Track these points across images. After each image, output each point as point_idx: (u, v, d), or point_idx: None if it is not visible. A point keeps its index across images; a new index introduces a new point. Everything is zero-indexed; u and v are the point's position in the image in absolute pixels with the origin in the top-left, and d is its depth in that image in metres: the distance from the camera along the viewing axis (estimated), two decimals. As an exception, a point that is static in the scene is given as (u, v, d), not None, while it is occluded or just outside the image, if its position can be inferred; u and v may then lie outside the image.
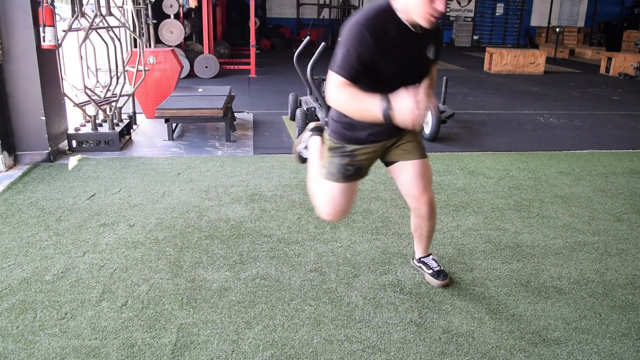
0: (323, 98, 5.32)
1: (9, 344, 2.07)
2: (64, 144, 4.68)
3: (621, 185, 4.13)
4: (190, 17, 11.17)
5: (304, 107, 5.41)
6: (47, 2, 4.04)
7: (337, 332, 2.20)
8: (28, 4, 4.03)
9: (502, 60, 11.80)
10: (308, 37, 5.50)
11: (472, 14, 20.53)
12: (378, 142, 2.26)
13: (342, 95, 1.94)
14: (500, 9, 20.72)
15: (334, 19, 17.92)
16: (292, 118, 6.09)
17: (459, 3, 20.36)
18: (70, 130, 4.79)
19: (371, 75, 1.98)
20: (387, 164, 2.38)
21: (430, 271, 2.58)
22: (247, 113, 6.64)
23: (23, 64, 4.14)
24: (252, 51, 10.21)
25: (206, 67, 9.61)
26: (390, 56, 1.97)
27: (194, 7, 10.88)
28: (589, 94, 9.12)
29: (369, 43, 1.90)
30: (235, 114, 6.26)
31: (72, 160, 4.37)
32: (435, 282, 2.56)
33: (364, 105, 1.89)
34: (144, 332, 2.17)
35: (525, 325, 2.28)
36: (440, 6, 1.85)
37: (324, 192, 2.33)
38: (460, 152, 4.99)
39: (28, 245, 2.88)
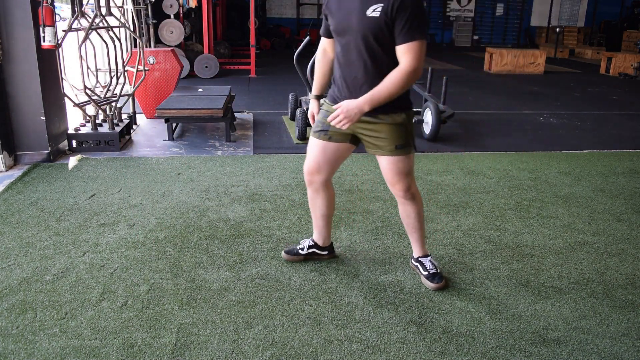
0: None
1: (9, 344, 2.07)
2: (64, 144, 4.68)
3: (621, 185, 4.13)
4: (190, 17, 11.17)
5: (304, 107, 5.40)
6: (47, 2, 4.04)
7: (337, 332, 2.20)
8: (28, 4, 4.04)
9: (502, 60, 11.80)
10: (308, 37, 5.50)
11: (472, 14, 20.53)
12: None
13: (317, 58, 2.51)
14: (500, 9, 20.71)
15: (334, 19, 17.89)
16: (292, 118, 6.09)
17: (459, 3, 20.36)
18: (70, 130, 4.80)
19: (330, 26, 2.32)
20: (355, 142, 2.48)
21: (426, 273, 2.57)
22: (247, 113, 6.64)
23: (23, 64, 4.14)
24: (252, 51, 10.22)
25: (206, 67, 9.61)
26: (334, 9, 2.24)
27: (194, 7, 10.88)
28: (589, 94, 9.12)
29: None
30: (235, 114, 6.25)
31: (72, 160, 4.37)
32: (429, 284, 2.54)
33: (315, 76, 2.52)
34: (144, 332, 2.17)
35: (525, 325, 2.28)
36: None
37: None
38: (460, 152, 4.99)
39: (28, 245, 2.88)
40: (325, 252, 2.77)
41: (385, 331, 2.21)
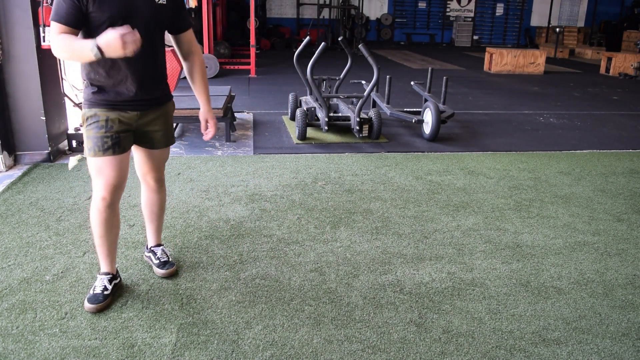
0: (323, 98, 5.32)
1: (9, 344, 2.07)
2: (64, 144, 4.68)
3: (621, 185, 4.13)
4: (190, 17, 11.17)
5: (304, 107, 5.41)
6: (47, 2, 4.04)
7: (337, 332, 2.20)
8: (28, 4, 4.03)
9: (502, 60, 11.80)
10: (308, 37, 5.50)
11: (472, 14, 20.54)
12: (127, 109, 2.21)
13: (58, 40, 1.96)
14: (500, 9, 20.73)
15: (334, 19, 17.93)
16: (292, 118, 6.09)
17: (459, 3, 20.36)
18: (70, 130, 4.79)
19: (91, 18, 2.02)
20: (136, 142, 2.36)
21: (157, 261, 2.62)
22: (247, 113, 6.64)
23: (23, 64, 4.14)
24: (252, 51, 10.22)
25: (206, 67, 9.59)
26: None
27: (194, 7, 10.87)
28: (589, 94, 9.12)
29: None
30: (235, 114, 6.26)
31: (72, 160, 4.37)
32: (159, 271, 2.59)
33: (76, 46, 1.92)
34: (144, 332, 2.17)
35: (525, 325, 2.28)
36: None
37: (91, 169, 2.25)
38: (460, 152, 4.99)
39: (28, 245, 2.88)
40: (119, 279, 2.51)
41: (385, 331, 2.21)
